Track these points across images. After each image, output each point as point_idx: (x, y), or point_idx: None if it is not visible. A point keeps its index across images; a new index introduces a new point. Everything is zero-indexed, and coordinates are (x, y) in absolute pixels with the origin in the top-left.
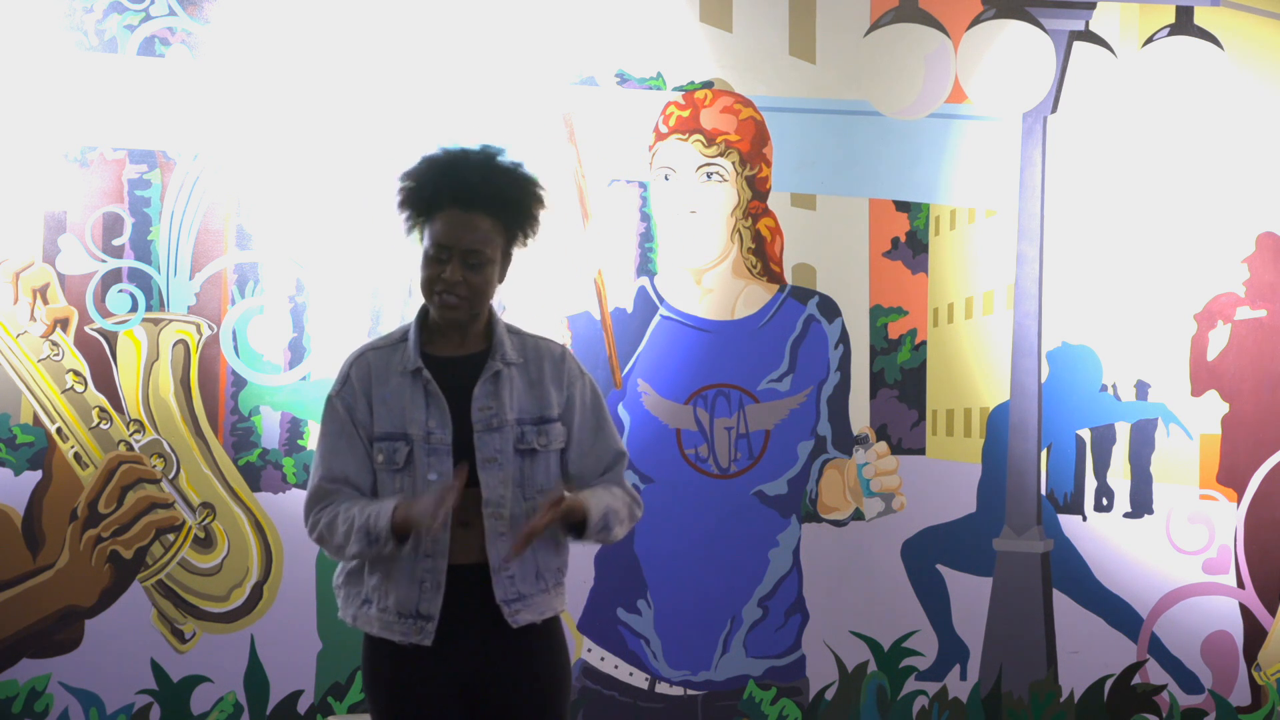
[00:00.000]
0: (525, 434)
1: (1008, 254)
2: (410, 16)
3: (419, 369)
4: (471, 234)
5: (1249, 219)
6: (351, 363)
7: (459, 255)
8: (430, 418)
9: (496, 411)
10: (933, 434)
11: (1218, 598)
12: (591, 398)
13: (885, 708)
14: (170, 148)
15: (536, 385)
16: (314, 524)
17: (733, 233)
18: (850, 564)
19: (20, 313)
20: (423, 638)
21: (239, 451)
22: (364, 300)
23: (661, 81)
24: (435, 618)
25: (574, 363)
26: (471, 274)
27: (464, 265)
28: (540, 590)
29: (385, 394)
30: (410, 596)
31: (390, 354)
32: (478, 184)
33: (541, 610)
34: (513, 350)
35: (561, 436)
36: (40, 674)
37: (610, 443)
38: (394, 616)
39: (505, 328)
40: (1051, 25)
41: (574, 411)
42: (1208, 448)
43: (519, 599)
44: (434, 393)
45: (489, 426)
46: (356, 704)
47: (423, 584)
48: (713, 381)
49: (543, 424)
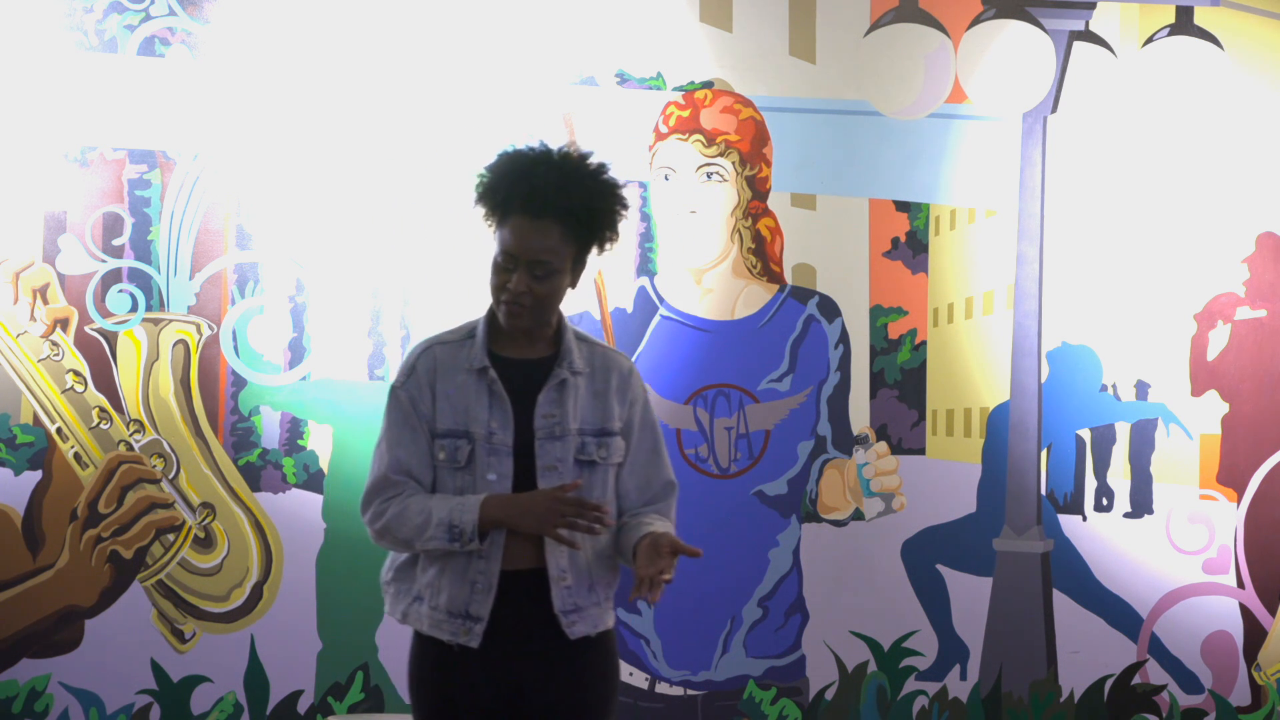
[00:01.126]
0: (586, 445)
1: (1008, 254)
2: (410, 16)
3: (485, 368)
4: (539, 244)
5: (1249, 219)
6: (418, 355)
7: (525, 265)
8: (493, 418)
9: (560, 420)
10: (933, 434)
11: (1218, 598)
12: (652, 419)
13: (885, 708)
14: (170, 148)
15: (601, 396)
16: (377, 514)
17: (733, 233)
18: (850, 564)
19: (20, 313)
20: (470, 639)
21: (239, 451)
22: (364, 300)
23: (661, 81)
24: (484, 620)
25: (640, 380)
26: (537, 284)
27: (530, 275)
28: (594, 603)
29: (449, 389)
30: (461, 596)
31: (458, 349)
32: (549, 192)
33: (595, 623)
34: (580, 359)
35: (620, 451)
36: (40, 674)
37: (663, 470)
38: (444, 615)
39: (575, 334)
40: (1051, 25)
41: (633, 429)
42: (1208, 448)
43: (575, 610)
44: (498, 394)
45: (551, 434)
46: (357, 704)
47: (474, 585)
48: (713, 381)
49: (604, 436)
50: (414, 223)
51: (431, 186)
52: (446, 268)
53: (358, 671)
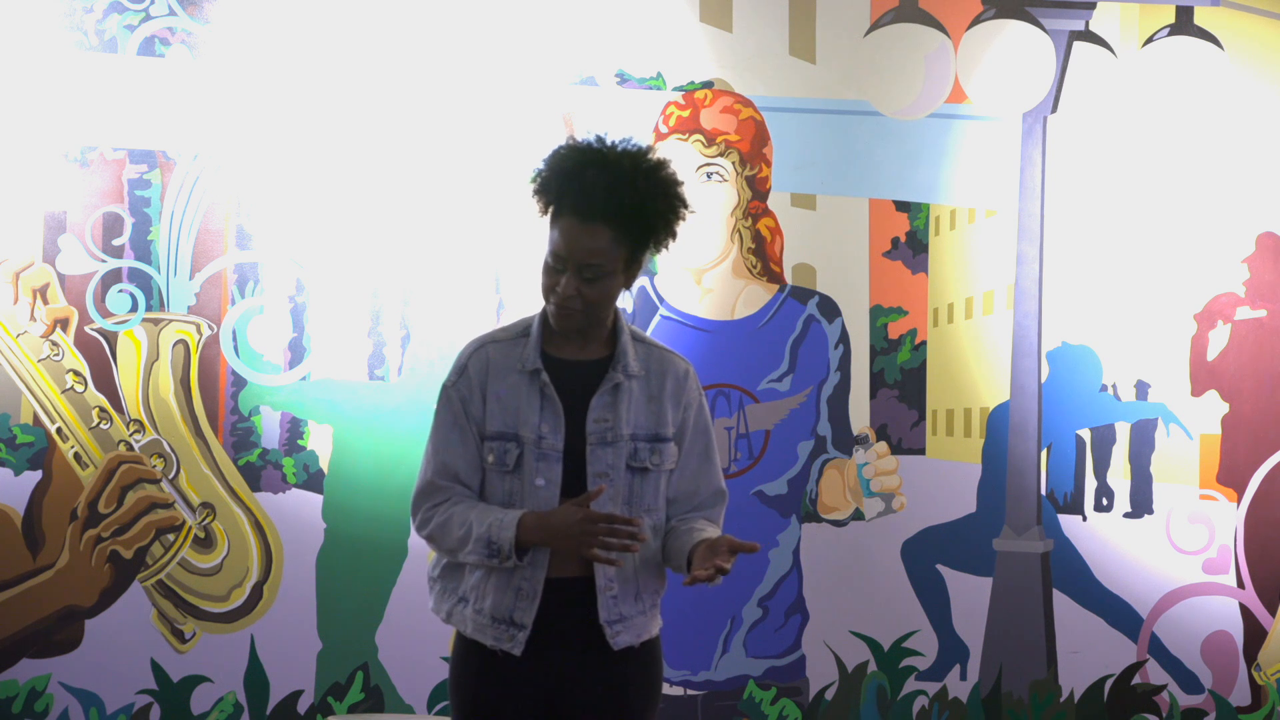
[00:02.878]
0: (639, 451)
1: (1008, 254)
2: (410, 16)
3: (538, 370)
4: (588, 246)
5: (1249, 219)
6: (471, 353)
7: (575, 268)
8: (544, 421)
9: (612, 425)
10: (933, 434)
11: (1218, 598)
12: (705, 424)
13: (885, 708)
14: (170, 148)
15: (655, 401)
16: (424, 520)
17: (733, 233)
18: (850, 564)
19: (20, 313)
20: (513, 646)
21: (239, 451)
22: (364, 300)
23: (661, 81)
24: (528, 628)
25: (696, 384)
26: (587, 287)
27: (579, 278)
28: (639, 612)
29: (501, 390)
30: (505, 603)
31: (510, 349)
32: (598, 195)
33: (639, 633)
34: (635, 361)
35: (673, 458)
36: (40, 674)
37: (713, 477)
38: (488, 620)
39: (631, 335)
40: (1051, 25)
41: (686, 433)
42: (1208, 448)
43: (620, 620)
44: (550, 396)
45: (603, 440)
46: (356, 704)
47: (519, 591)
48: (713, 381)
49: (657, 442)
50: (414, 223)
51: (432, 186)
52: (446, 268)
53: (358, 671)
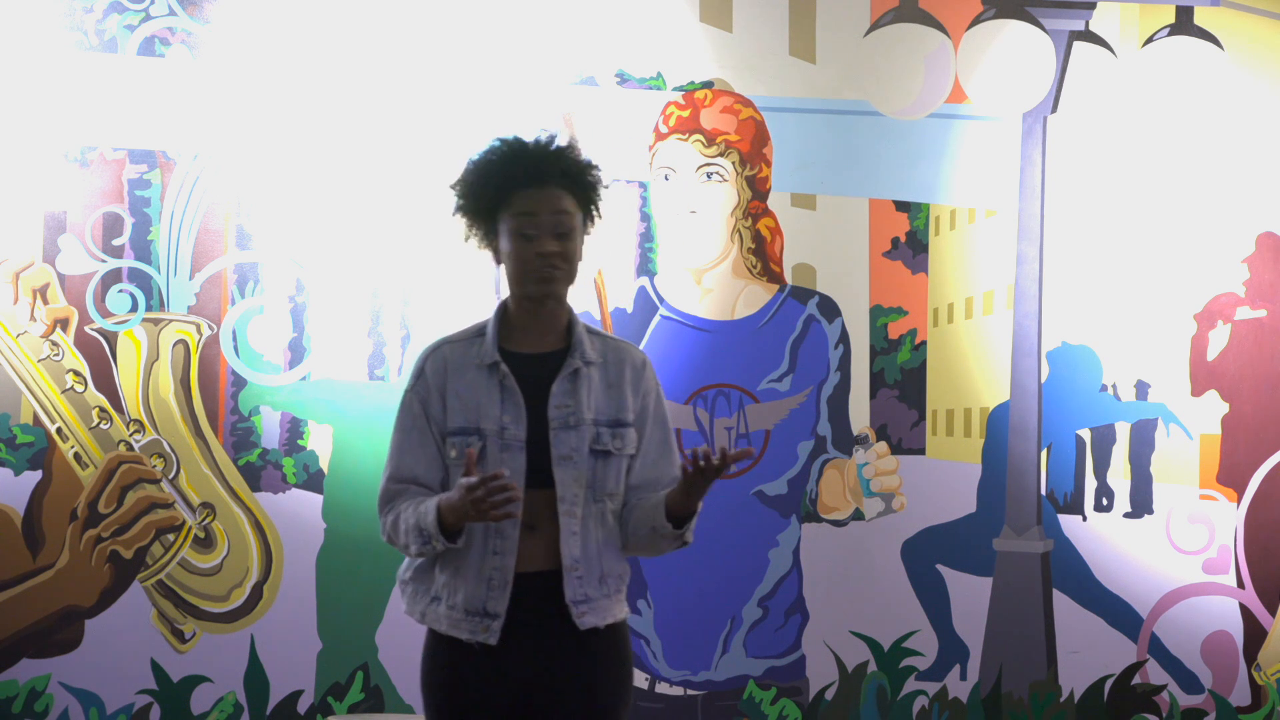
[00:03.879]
0: (601, 435)
1: (1008, 254)
2: (410, 16)
3: (496, 363)
4: (556, 205)
5: (1249, 219)
6: (427, 356)
7: (548, 227)
8: (505, 413)
9: (574, 410)
10: (933, 434)
11: (1218, 598)
12: (663, 414)
13: (885, 708)
14: (170, 148)
15: (615, 388)
16: (383, 525)
17: (733, 233)
18: (850, 564)
19: (20, 313)
20: (489, 636)
21: (239, 451)
22: (364, 300)
23: (661, 81)
24: (501, 616)
25: (653, 373)
26: (562, 244)
27: (555, 236)
28: (603, 595)
29: (460, 387)
30: (478, 595)
31: (467, 347)
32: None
33: (604, 615)
34: (593, 350)
35: (634, 443)
36: (40, 674)
37: (673, 465)
38: (461, 614)
39: (585, 328)
40: (1051, 25)
41: (646, 421)
42: (1208, 448)
43: (585, 601)
44: (510, 387)
45: (565, 424)
46: (356, 704)
47: (490, 581)
48: (713, 381)
49: (618, 427)
50: (414, 223)
51: (432, 186)
52: (446, 268)
53: (358, 671)
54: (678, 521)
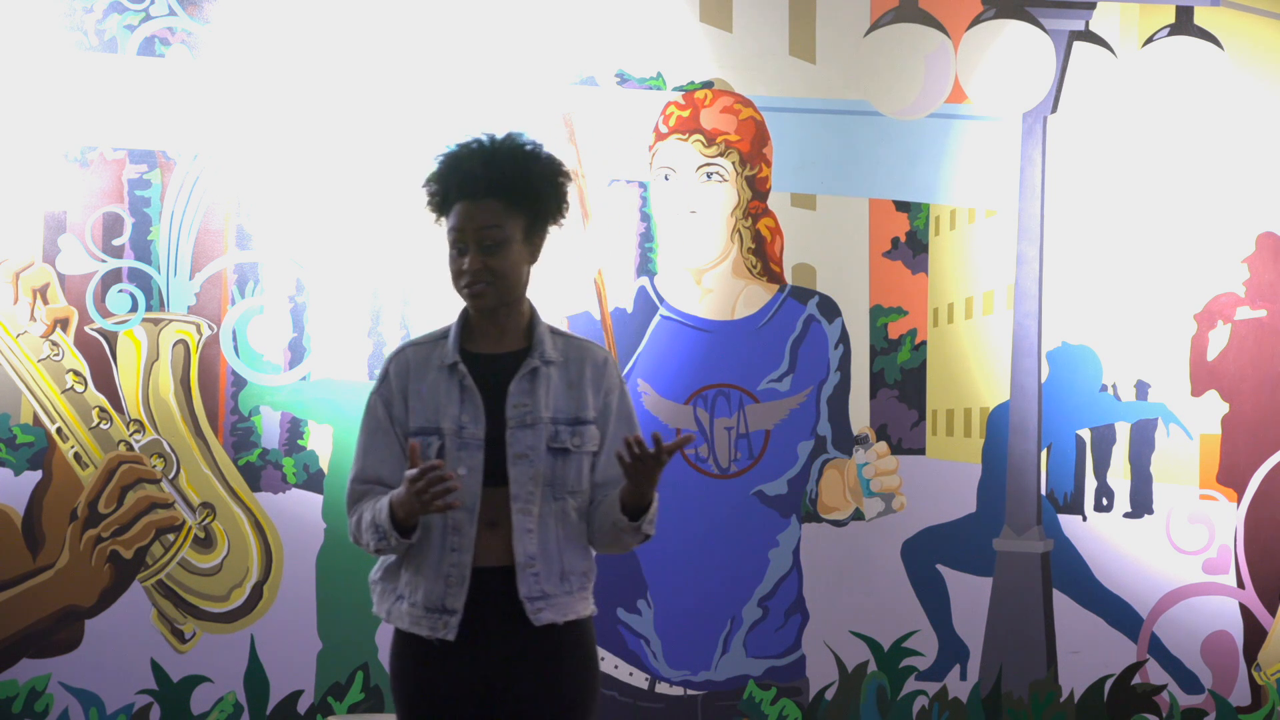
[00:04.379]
0: (559, 433)
1: (1008, 254)
2: (410, 16)
3: (455, 363)
4: (481, 219)
5: (1249, 219)
6: (391, 358)
7: (474, 243)
8: (464, 412)
9: (531, 408)
10: (933, 434)
11: (1218, 598)
12: (627, 411)
13: (885, 708)
14: (170, 148)
15: (575, 386)
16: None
17: (733, 233)
18: (850, 564)
19: (20, 313)
20: (447, 632)
21: (239, 451)
22: (364, 300)
23: (661, 81)
24: (459, 612)
25: (616, 371)
26: (490, 258)
27: (480, 250)
28: (565, 592)
29: (422, 388)
30: (436, 591)
31: (430, 349)
32: (479, 172)
33: (564, 612)
34: (553, 349)
35: (595, 440)
36: (40, 674)
37: None
38: (421, 611)
39: (548, 328)
40: (1051, 25)
41: (609, 419)
42: (1208, 448)
43: (542, 597)
44: (469, 387)
45: (523, 423)
46: (356, 704)
47: (448, 578)
48: (713, 381)
49: (577, 425)
50: (414, 223)
51: None
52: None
53: (358, 671)
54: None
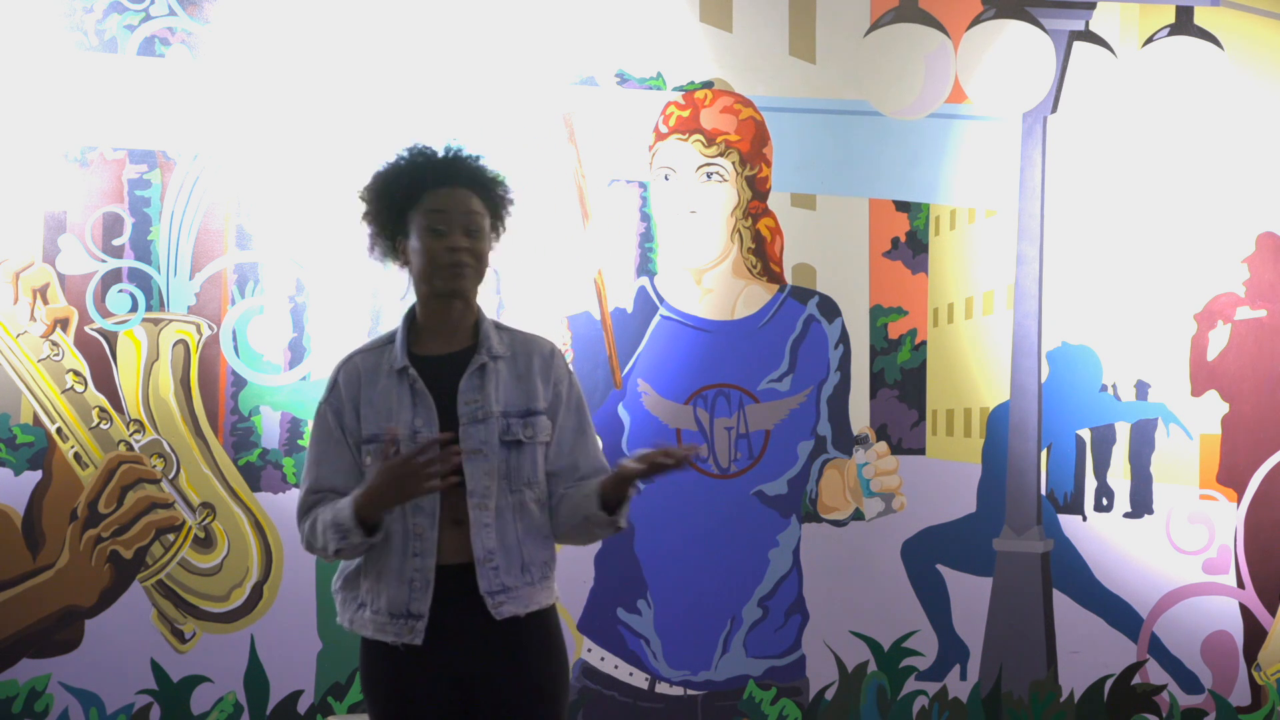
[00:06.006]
0: (511, 426)
1: (1008, 254)
2: (410, 17)
3: (404, 368)
4: (467, 205)
5: (1249, 219)
6: (340, 368)
7: (459, 226)
8: (417, 416)
9: (482, 404)
10: (933, 434)
11: (1218, 598)
12: (577, 400)
13: (885, 708)
14: (170, 148)
15: (524, 379)
16: (303, 534)
17: (733, 233)
18: (850, 564)
19: (20, 313)
20: (414, 637)
21: (239, 451)
22: (364, 300)
23: (661, 81)
24: (425, 616)
25: (563, 362)
26: (473, 242)
27: (465, 234)
28: (526, 583)
29: (372, 395)
30: (400, 597)
31: (379, 355)
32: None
33: (526, 603)
34: (500, 345)
35: (547, 430)
36: (40, 674)
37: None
38: (386, 618)
39: (492, 324)
40: (1051, 25)
41: (559, 408)
42: (1208, 448)
43: (503, 591)
44: (420, 390)
45: (474, 419)
46: (356, 704)
47: (412, 583)
48: (713, 381)
49: (529, 416)
50: None
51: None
52: None
53: (358, 671)
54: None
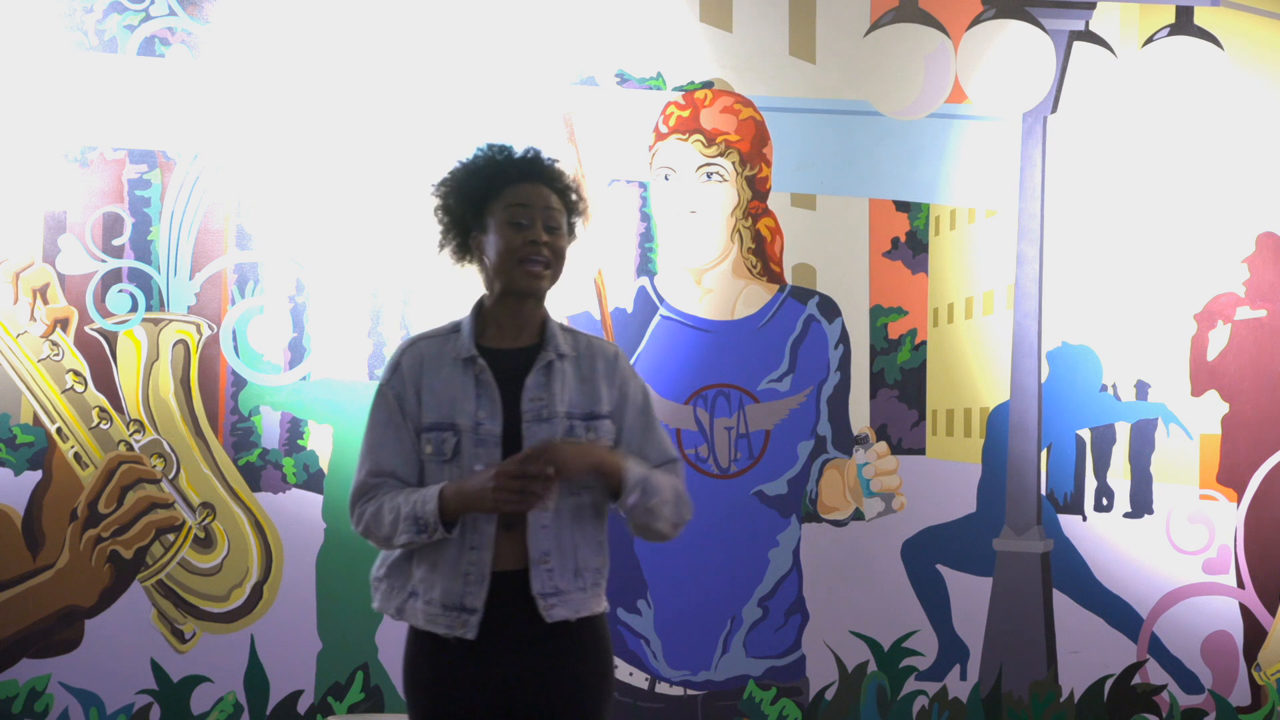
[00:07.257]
0: (574, 428)
1: (1008, 254)
2: (410, 17)
3: (473, 357)
4: (548, 202)
5: (1249, 219)
6: (403, 350)
7: (541, 221)
8: (480, 408)
9: (547, 403)
10: (933, 434)
11: (1218, 598)
12: (643, 399)
13: (885, 708)
14: (170, 148)
15: (588, 381)
16: (359, 517)
17: (733, 233)
18: (850, 564)
19: (20, 313)
20: (466, 631)
21: (239, 451)
22: (364, 300)
23: (661, 81)
24: (479, 611)
25: (627, 364)
26: (553, 238)
27: (546, 230)
28: (578, 588)
29: (435, 383)
30: (455, 589)
31: (443, 343)
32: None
33: (577, 608)
34: (566, 345)
35: (611, 434)
36: (40, 674)
37: (661, 446)
38: (439, 609)
39: (558, 325)
40: (1051, 25)
41: (625, 410)
42: (1208, 448)
43: (555, 594)
44: (486, 382)
45: (539, 417)
46: (356, 704)
47: (467, 576)
48: (713, 381)
49: (592, 419)
50: (414, 223)
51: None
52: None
53: (358, 671)
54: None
